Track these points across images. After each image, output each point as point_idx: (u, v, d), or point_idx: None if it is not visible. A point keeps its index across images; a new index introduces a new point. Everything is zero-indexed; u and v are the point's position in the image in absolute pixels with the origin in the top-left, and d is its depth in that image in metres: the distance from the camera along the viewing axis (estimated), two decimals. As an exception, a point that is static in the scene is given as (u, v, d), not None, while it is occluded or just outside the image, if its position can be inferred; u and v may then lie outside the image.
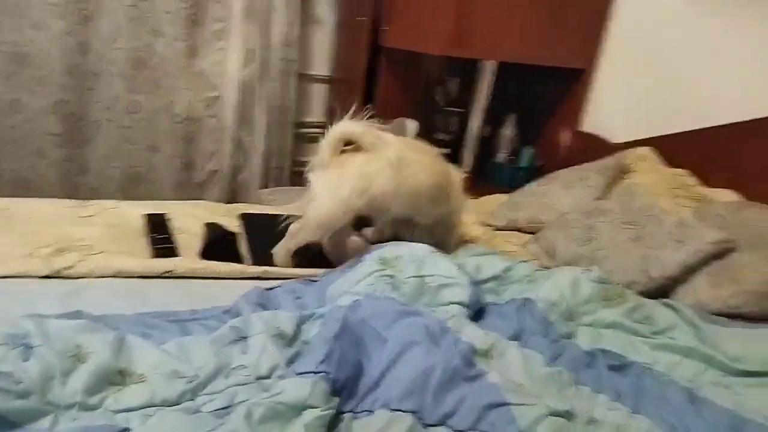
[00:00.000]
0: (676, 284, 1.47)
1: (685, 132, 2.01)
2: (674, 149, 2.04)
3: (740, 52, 1.86)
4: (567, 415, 0.97)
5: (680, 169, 1.98)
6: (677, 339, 1.27)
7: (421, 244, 1.40)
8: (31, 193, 2.51)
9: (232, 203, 2.87)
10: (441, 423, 0.94)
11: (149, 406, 0.89)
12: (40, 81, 2.43)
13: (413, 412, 0.93)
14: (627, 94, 2.27)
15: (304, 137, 3.18)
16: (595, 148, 2.30)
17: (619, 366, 1.16)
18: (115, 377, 0.92)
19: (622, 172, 2.04)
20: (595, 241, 1.63)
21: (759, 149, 1.77)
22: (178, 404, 0.91)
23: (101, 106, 2.55)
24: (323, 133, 3.26)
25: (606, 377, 1.11)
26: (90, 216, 1.57)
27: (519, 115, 2.67)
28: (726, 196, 1.80)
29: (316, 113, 3.18)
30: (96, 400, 0.87)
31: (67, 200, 1.64)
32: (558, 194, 1.96)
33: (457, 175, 1.65)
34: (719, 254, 1.45)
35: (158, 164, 2.71)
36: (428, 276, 1.30)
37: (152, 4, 2.51)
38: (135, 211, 1.63)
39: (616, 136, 2.29)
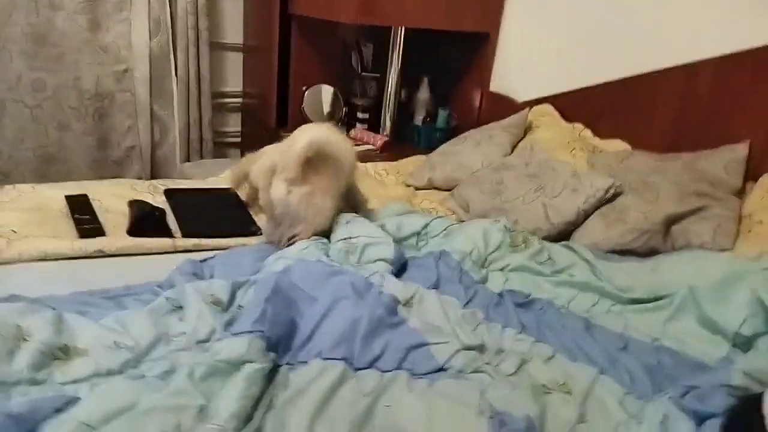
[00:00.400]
0: (573, 227, 1.65)
1: (580, 89, 2.19)
2: (571, 105, 2.22)
3: (627, 14, 2.03)
4: (479, 348, 1.11)
5: (577, 123, 2.17)
6: (575, 276, 1.44)
7: (348, 213, 1.51)
8: (-67, 182, 2.39)
9: (153, 179, 2.85)
10: (369, 366, 1.05)
11: (95, 377, 0.94)
12: (-71, 62, 2.28)
13: (344, 359, 1.04)
14: (529, 55, 2.42)
15: (223, 107, 3.16)
16: (502, 107, 2.45)
17: (525, 303, 1.32)
18: (58, 353, 0.96)
19: (526, 128, 2.21)
20: (503, 194, 1.78)
21: (642, 102, 1.97)
22: (122, 373, 0.97)
23: (4, 86, 2.44)
24: (242, 103, 3.25)
25: (512, 313, 1.26)
26: (8, 201, 1.54)
27: (433, 78, 2.78)
28: (616, 145, 2.00)
29: (233, 82, 3.16)
30: (43, 375, 0.92)
31: (-20, 187, 1.59)
32: (469, 153, 2.10)
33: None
34: (609, 198, 1.63)
35: (70, 143, 2.63)
36: (355, 237, 1.40)
37: (47, -24, 2.39)
38: (54, 194, 1.61)
39: (521, 95, 2.44)
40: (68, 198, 1.58)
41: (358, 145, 2.62)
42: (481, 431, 0.90)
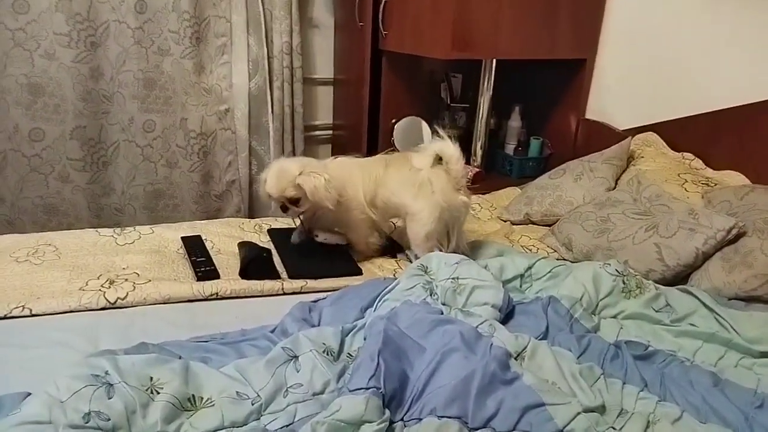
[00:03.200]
0: (691, 270, 1.55)
1: (689, 116, 2.07)
2: (678, 134, 2.10)
3: (739, 35, 1.91)
4: (599, 409, 1.06)
5: (687, 153, 2.05)
6: (698, 325, 1.35)
7: (455, 254, 1.50)
8: (60, 218, 2.61)
9: (251, 213, 2.97)
10: (484, 426, 1.02)
11: (221, 429, 0.98)
12: (55, 109, 2.49)
13: (458, 418, 1.02)
14: (629, 81, 2.33)
15: (314, 139, 3.25)
16: (601, 135, 2.37)
17: (644, 355, 1.25)
18: (187, 404, 1.01)
19: (629, 158, 2.11)
20: (610, 233, 1.70)
21: (763, 131, 1.83)
22: (245, 425, 1.00)
23: (117, 128, 2.63)
24: (332, 135, 3.33)
25: (632, 367, 1.19)
26: (130, 243, 1.65)
27: (524, 106, 2.73)
28: (732, 178, 1.87)
29: (323, 115, 3.25)
30: (174, 427, 0.96)
31: (106, 229, 1.72)
32: (568, 187, 2.03)
33: None
34: (731, 240, 1.52)
35: (177, 179, 2.79)
36: (462, 279, 1.39)
37: (157, 25, 2.57)
38: (170, 235, 1.71)
39: (621, 123, 2.35)
40: (184, 240, 1.67)
41: (449, 176, 2.61)
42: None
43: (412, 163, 1.60)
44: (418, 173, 1.60)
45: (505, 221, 2.09)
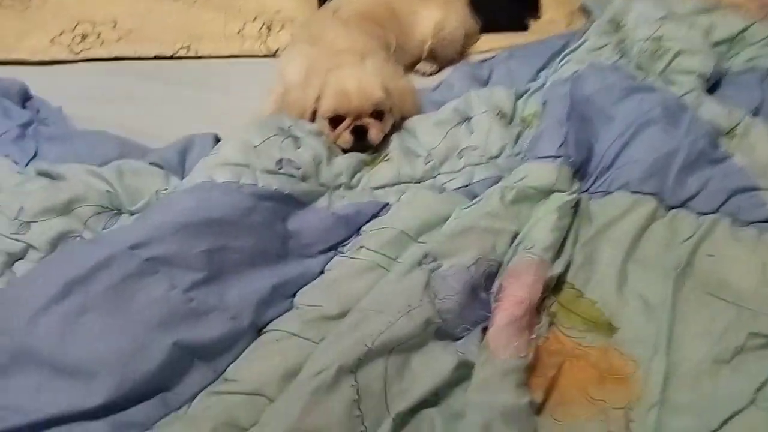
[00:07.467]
0: None
1: None
2: None
3: None
4: (824, 198, 0.92)
5: None
6: None
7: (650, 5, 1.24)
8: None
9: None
10: (682, 205, 0.93)
11: (398, 183, 0.97)
12: None
13: (654, 194, 0.93)
14: None
15: None
16: None
17: None
18: (366, 158, 1.00)
19: None
20: None
21: None
22: (422, 181, 0.98)
23: None
24: None
25: None
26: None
27: None
28: None
29: None
30: (356, 180, 0.96)
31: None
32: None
33: None
34: None
35: None
36: (665, 40, 1.17)
37: None
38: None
39: None
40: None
41: None
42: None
43: None
44: None
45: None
